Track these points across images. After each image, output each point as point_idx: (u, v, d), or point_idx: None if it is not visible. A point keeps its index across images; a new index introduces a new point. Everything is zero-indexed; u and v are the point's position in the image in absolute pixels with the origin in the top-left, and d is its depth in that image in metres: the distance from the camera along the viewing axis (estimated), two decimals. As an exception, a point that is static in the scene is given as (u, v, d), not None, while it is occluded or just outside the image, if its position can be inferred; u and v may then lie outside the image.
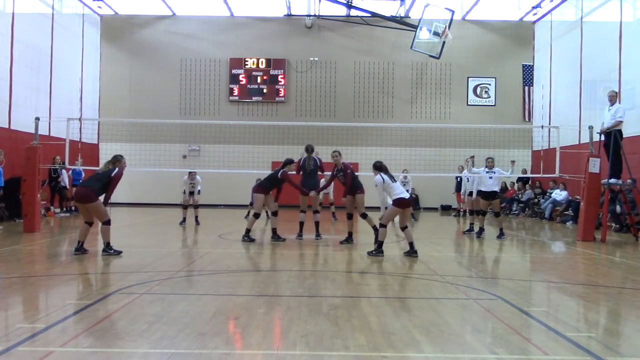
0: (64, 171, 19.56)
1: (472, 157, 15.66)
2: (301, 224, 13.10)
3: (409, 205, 10.66)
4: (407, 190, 16.52)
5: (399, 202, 10.37)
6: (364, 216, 12.41)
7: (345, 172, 12.36)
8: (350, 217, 12.59)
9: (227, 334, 5.41)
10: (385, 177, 10.49)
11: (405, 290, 7.86)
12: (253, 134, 24.20)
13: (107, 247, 9.96)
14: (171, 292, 7.10)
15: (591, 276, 9.01)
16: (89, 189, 9.98)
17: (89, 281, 8.31)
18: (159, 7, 25.79)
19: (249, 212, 18.19)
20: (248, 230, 12.45)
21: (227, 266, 9.19)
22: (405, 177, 19.65)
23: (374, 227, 11.73)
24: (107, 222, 9.99)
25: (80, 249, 9.99)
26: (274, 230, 12.72)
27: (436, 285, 7.88)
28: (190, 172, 17.05)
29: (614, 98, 13.97)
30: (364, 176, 13.61)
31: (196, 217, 16.88)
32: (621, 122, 13.59)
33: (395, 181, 10.63)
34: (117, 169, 10.08)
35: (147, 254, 10.27)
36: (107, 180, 9.96)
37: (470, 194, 15.44)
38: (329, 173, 13.13)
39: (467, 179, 15.89)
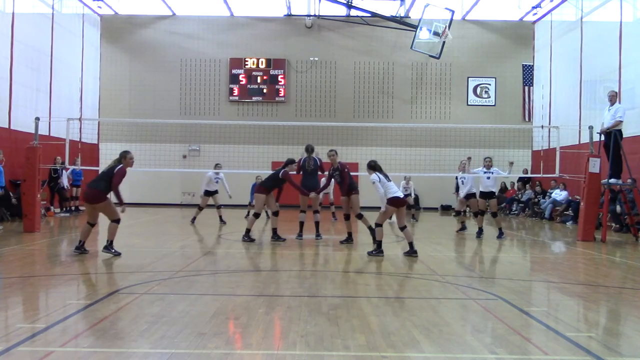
0: (63, 171, 19.54)
1: (469, 158, 15.54)
2: (301, 224, 13.10)
3: (404, 204, 10.72)
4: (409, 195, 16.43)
5: (394, 201, 10.39)
6: (360, 217, 12.34)
7: (342, 171, 12.34)
8: (347, 217, 12.57)
9: (227, 334, 5.41)
10: (381, 175, 10.50)
11: (405, 290, 7.86)
12: (253, 134, 24.20)
13: (110, 245, 9.96)
14: (171, 292, 7.10)
15: (591, 276, 9.01)
16: (97, 190, 9.93)
17: (89, 281, 8.31)
18: (159, 7, 25.78)
19: (249, 212, 18.21)
20: (248, 230, 12.45)
21: (227, 266, 9.20)
22: (407, 183, 19.55)
23: (370, 228, 11.73)
24: (116, 221, 10.01)
25: (80, 248, 10.00)
26: (274, 230, 12.71)
27: (436, 285, 7.88)
28: (216, 165, 17.34)
29: (614, 98, 13.97)
30: (363, 176, 13.60)
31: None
32: (621, 122, 13.60)
33: (390, 180, 10.63)
34: (121, 165, 10.07)
35: (147, 254, 10.27)
36: (111, 177, 9.96)
37: (468, 196, 15.13)
38: (329, 173, 13.12)
39: (462, 181, 15.51)
